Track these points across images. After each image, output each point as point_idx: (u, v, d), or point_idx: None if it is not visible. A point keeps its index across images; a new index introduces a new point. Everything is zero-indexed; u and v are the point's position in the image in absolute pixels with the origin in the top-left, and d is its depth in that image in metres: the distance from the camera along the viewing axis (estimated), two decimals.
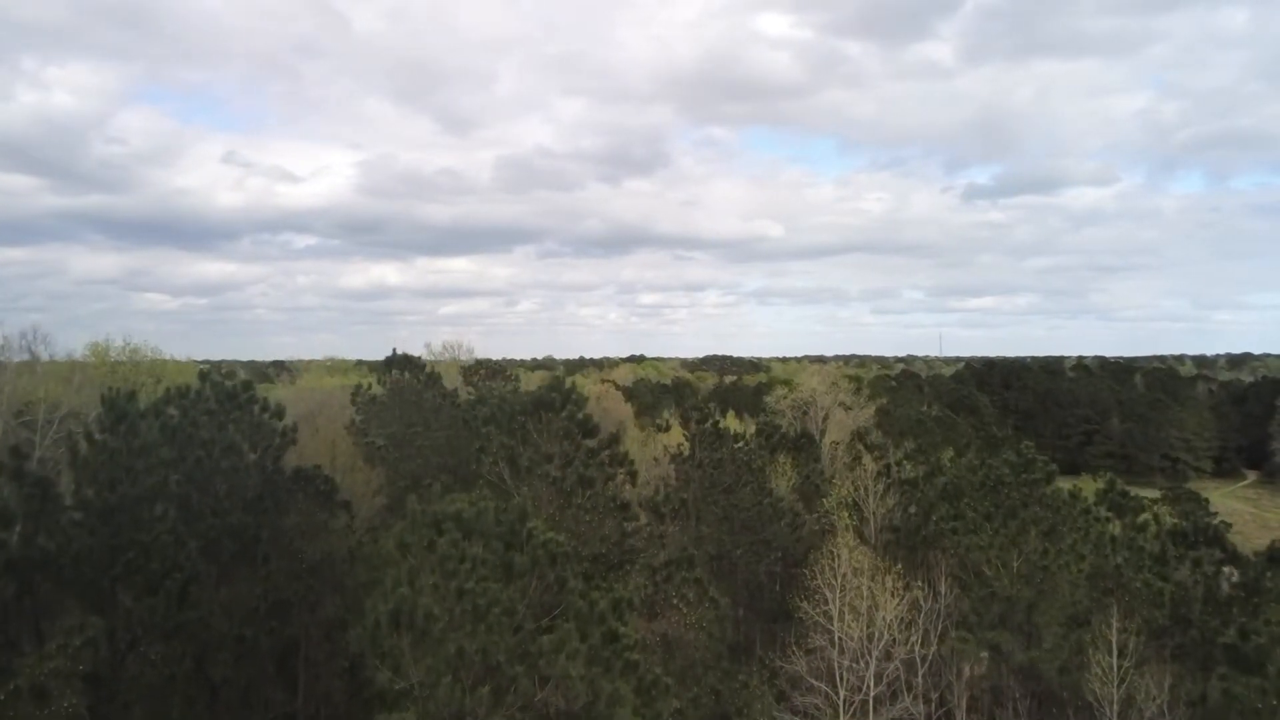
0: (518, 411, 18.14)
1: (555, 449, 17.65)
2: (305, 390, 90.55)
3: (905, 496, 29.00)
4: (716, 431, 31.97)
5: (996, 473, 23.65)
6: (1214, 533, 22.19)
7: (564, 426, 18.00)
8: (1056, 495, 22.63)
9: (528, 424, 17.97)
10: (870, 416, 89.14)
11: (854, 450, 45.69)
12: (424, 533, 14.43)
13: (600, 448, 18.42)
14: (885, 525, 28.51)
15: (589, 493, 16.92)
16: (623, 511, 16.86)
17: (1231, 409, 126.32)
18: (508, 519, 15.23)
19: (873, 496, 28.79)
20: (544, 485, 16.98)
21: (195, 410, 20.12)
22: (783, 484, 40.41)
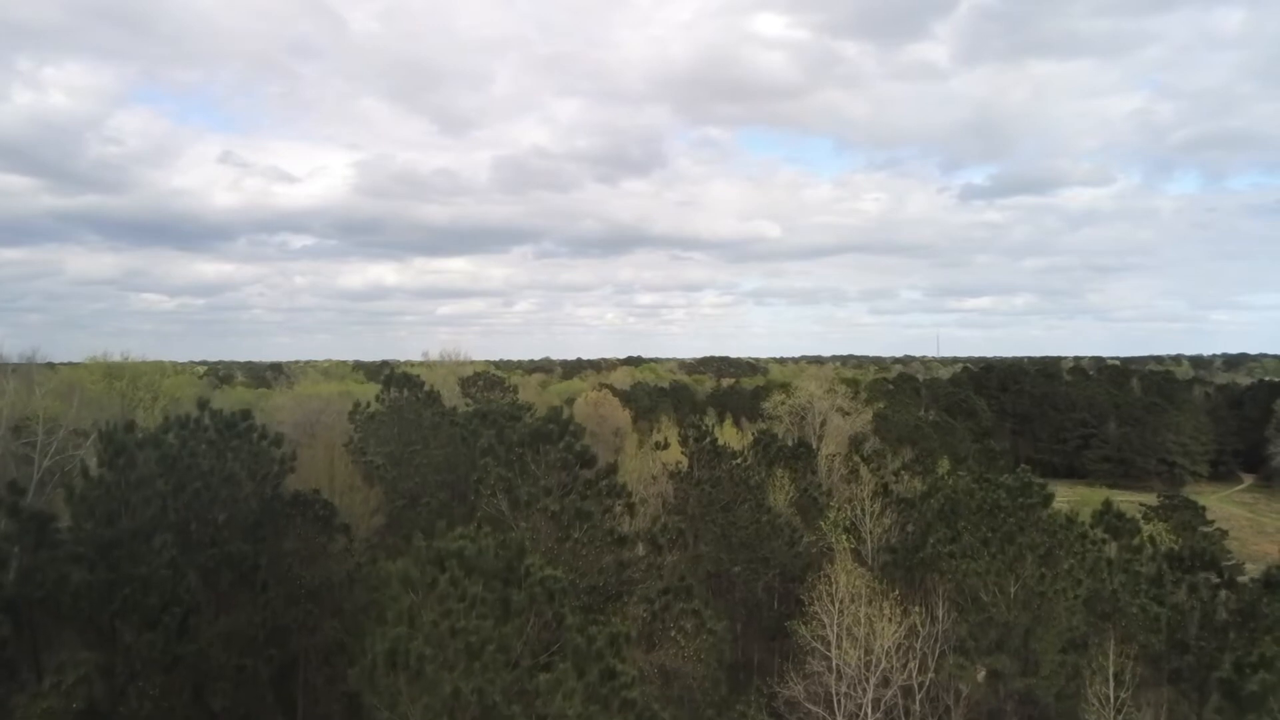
0: (515, 443, 18.18)
1: (553, 481, 17.68)
2: (303, 397, 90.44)
3: (902, 516, 29.09)
4: (714, 449, 32.01)
5: (993, 496, 23.73)
6: (1210, 557, 22.27)
7: (561, 458, 18.05)
8: (1054, 519, 22.70)
9: (525, 455, 18.02)
10: (868, 422, 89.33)
11: (851, 463, 45.78)
12: (428, 570, 14.47)
13: (598, 478, 18.47)
14: (882, 546, 28.59)
15: (586, 526, 16.97)
16: (620, 545, 16.90)
17: (1228, 412, 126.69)
18: (506, 555, 15.27)
19: (869, 516, 28.86)
20: (542, 519, 17.03)
21: (194, 440, 20.13)
22: (780, 498, 40.48)
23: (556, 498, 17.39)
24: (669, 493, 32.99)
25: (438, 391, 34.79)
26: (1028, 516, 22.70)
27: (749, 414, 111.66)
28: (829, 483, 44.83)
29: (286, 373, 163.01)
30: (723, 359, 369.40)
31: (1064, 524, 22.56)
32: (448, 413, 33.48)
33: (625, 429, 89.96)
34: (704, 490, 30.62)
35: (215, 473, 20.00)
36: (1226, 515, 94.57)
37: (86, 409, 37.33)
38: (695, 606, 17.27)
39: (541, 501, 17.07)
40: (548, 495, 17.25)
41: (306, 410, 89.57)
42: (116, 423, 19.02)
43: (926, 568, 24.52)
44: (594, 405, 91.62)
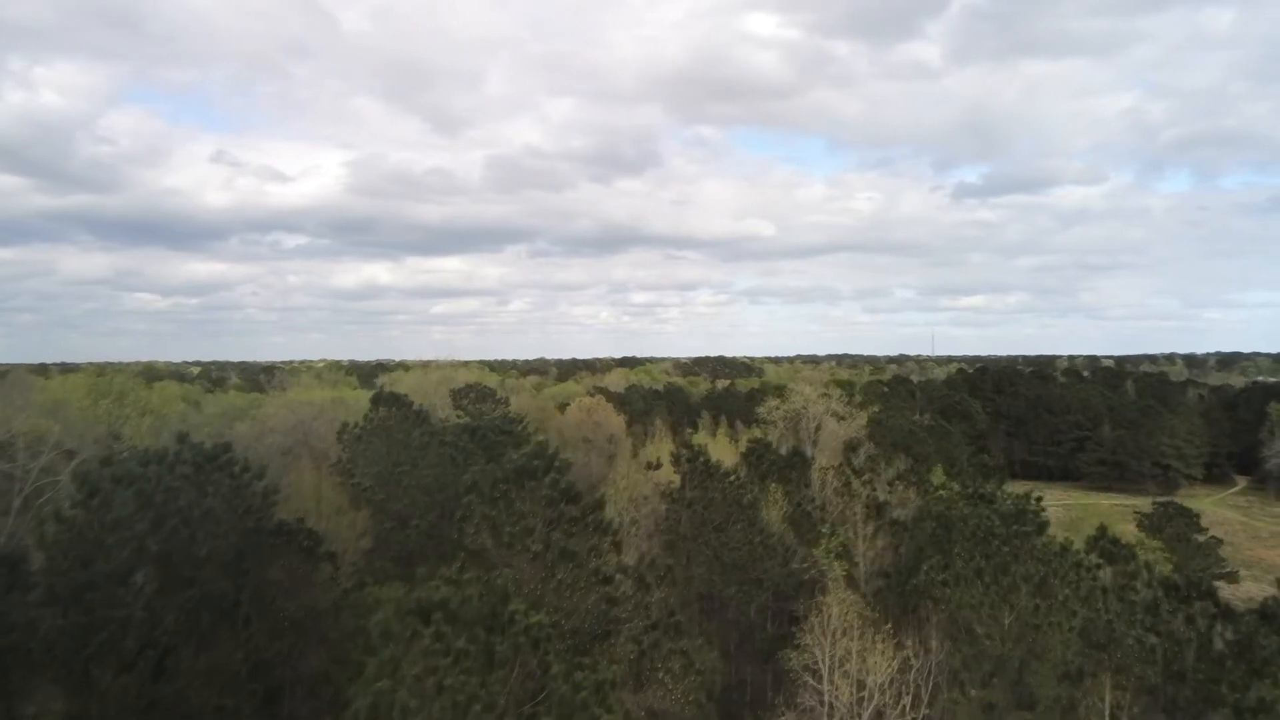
0: (500, 479, 17.81)
1: (537, 519, 17.32)
2: (296, 403, 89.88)
3: (895, 538, 28.78)
4: (706, 468, 31.68)
5: (987, 523, 23.43)
6: (1207, 586, 22.03)
7: (546, 495, 17.69)
8: (1048, 547, 22.42)
9: (510, 492, 17.65)
10: (862, 427, 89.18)
11: (844, 475, 45.43)
12: (409, 621, 14.09)
13: (584, 513, 18.10)
14: (876, 570, 28.28)
15: (571, 566, 16.62)
16: (606, 584, 16.56)
17: (1222, 414, 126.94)
18: (489, 601, 14.90)
19: (863, 539, 28.54)
20: (526, 559, 16.67)
21: (171, 475, 19.70)
22: (774, 513, 40.20)
23: (541, 536, 17.02)
24: (661, 512, 32.65)
25: (426, 410, 34.31)
26: (1022, 545, 22.42)
27: (744, 417, 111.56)
28: (822, 496, 44.52)
29: (280, 377, 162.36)
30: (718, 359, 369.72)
31: (1059, 552, 22.27)
32: (437, 432, 33.04)
33: (619, 435, 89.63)
34: (696, 511, 30.28)
35: (194, 508, 19.57)
36: (1221, 519, 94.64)
37: (73, 427, 36.86)
38: (684, 646, 16.94)
39: (524, 541, 16.71)
40: (530, 535, 16.88)
41: (299, 416, 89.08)
42: (92, 462, 18.56)
43: (920, 595, 24.23)
44: (587, 412, 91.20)
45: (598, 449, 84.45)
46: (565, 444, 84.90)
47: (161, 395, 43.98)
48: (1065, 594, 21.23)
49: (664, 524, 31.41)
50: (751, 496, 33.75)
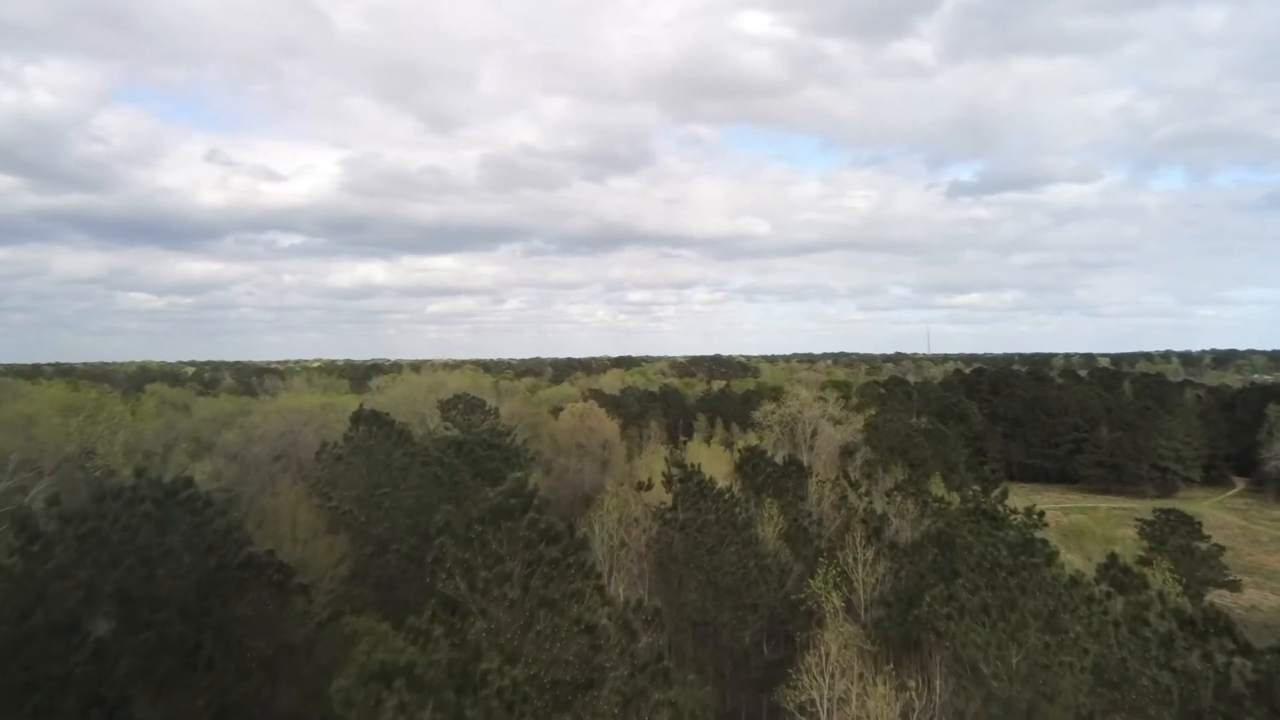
0: (475, 519, 16.60)
1: (515, 563, 16.11)
2: (285, 409, 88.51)
3: (896, 563, 27.65)
4: (699, 488, 30.50)
5: (993, 552, 22.30)
6: (1225, 622, 20.93)
7: (525, 537, 16.49)
8: (1057, 579, 21.30)
9: (486, 533, 16.45)
10: (858, 431, 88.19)
11: (840, 488, 44.40)
12: (372, 689, 12.88)
13: (565, 554, 16.91)
14: (876, 599, 27.15)
15: (551, 614, 15.44)
16: (589, 634, 15.39)
17: (1219, 415, 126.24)
18: (460, 660, 13.68)
19: (862, 565, 27.39)
20: (502, 607, 15.49)
21: (128, 514, 18.43)
22: (770, 529, 39.08)
23: (519, 581, 15.82)
24: (653, 533, 31.46)
25: (409, 427, 33.03)
26: (1030, 577, 21.29)
27: (740, 420, 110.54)
28: (819, 511, 43.40)
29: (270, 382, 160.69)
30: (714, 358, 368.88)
31: (1069, 584, 21.16)
32: (419, 453, 31.77)
33: (613, 441, 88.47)
34: (689, 534, 29.11)
35: (152, 547, 18.31)
36: (1221, 524, 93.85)
37: (43, 445, 35.51)
38: (673, 697, 15.78)
39: (501, 588, 15.52)
40: (507, 580, 15.68)
41: (288, 423, 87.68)
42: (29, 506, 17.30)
43: (922, 627, 23.10)
44: (581, 417, 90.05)
45: (591, 455, 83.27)
46: (559, 450, 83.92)
47: (138, 410, 42.55)
48: (1077, 630, 20.11)
49: (655, 547, 30.23)
50: (746, 515, 32.58)
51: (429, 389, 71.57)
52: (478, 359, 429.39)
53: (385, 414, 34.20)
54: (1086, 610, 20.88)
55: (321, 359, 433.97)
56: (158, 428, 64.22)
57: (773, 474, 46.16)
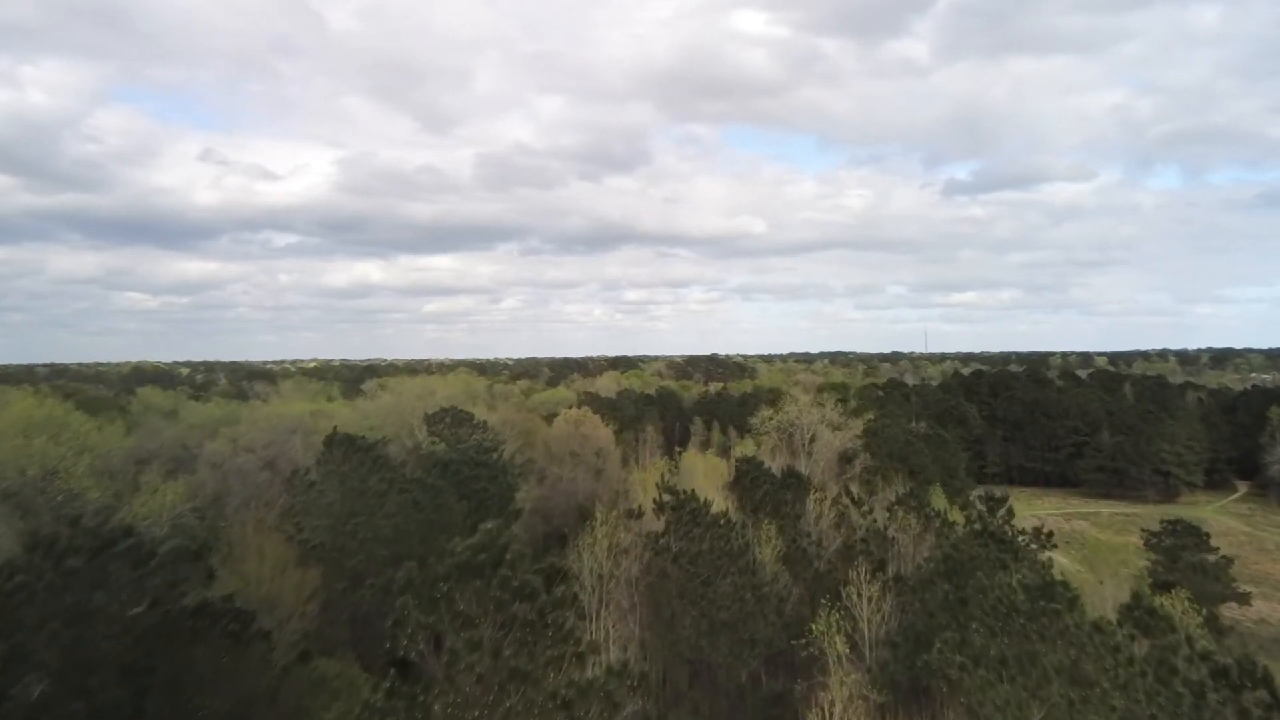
0: (440, 578, 14.91)
1: (485, 627, 14.43)
2: (274, 416, 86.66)
3: (902, 599, 25.99)
4: (693, 515, 28.81)
5: (1009, 597, 20.66)
6: (1263, 673, 19.29)
7: (496, 598, 14.82)
8: (1080, 626, 19.67)
9: (453, 592, 14.77)
10: (857, 437, 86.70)
11: (840, 506, 42.81)
12: None
13: (542, 614, 15.21)
14: (881, 638, 25.51)
15: (525, 687, 13.77)
16: (566, 710, 13.71)
17: (1221, 418, 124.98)
18: None
19: (866, 602, 25.74)
20: (470, 680, 13.81)
21: (55, 571, 16.66)
22: (768, 551, 37.49)
23: (489, 650, 14.12)
24: (645, 561, 29.76)
25: (385, 453, 31.28)
26: (1051, 624, 19.65)
27: (737, 424, 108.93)
28: (818, 530, 41.79)
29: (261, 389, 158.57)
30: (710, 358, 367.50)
31: (1092, 632, 19.54)
32: (396, 478, 29.98)
33: (608, 448, 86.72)
34: (681, 565, 27.42)
35: (87, 604, 16.57)
36: (1225, 530, 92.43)
37: (2, 466, 33.73)
38: None
39: (468, 659, 13.82)
40: (476, 649, 13.99)
41: (278, 430, 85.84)
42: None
43: (932, 674, 21.45)
44: (575, 424, 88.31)
45: (585, 464, 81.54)
46: (552, 458, 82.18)
47: (106, 428, 40.74)
48: (1103, 685, 18.46)
49: (647, 578, 28.54)
50: (743, 542, 30.89)
51: (417, 397, 69.75)
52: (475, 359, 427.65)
53: (360, 436, 32.41)
54: (1112, 661, 19.24)
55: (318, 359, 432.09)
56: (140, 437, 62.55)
57: (770, 490, 44.49)
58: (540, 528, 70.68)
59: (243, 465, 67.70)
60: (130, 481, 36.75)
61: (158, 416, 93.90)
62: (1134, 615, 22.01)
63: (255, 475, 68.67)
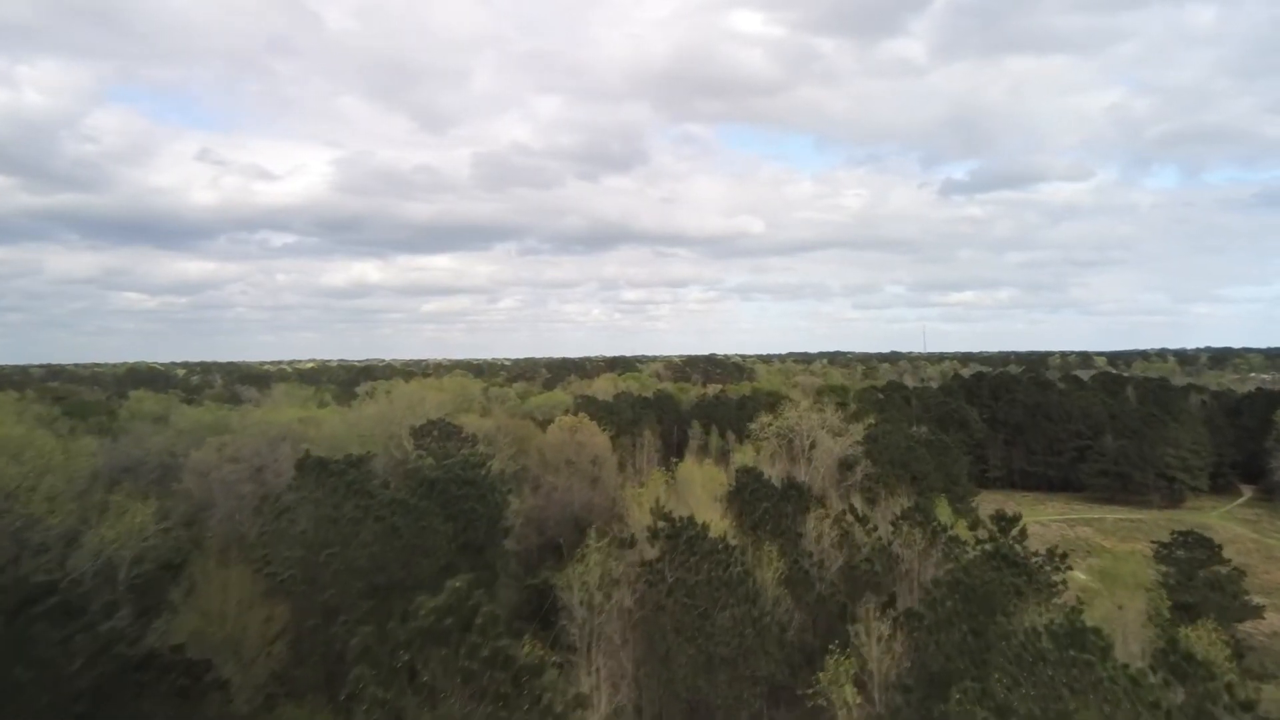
0: (401, 644, 13.11)
1: (452, 703, 12.63)
2: (264, 423, 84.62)
3: (916, 638, 24.15)
4: (690, 544, 26.99)
5: (1035, 644, 18.89)
6: None
7: (464, 668, 13.03)
8: (1114, 680, 17.91)
9: (416, 662, 12.99)
10: (857, 442, 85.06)
11: (842, 524, 40.95)
12: None
13: (518, 682, 13.40)
14: (893, 682, 23.68)
15: None
16: None
17: (1225, 421, 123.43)
18: None
19: (876, 641, 23.92)
20: None
21: None
22: (768, 573, 35.71)
23: None
24: (640, 592, 27.93)
25: (363, 475, 29.37)
26: (1082, 676, 17.89)
27: (735, 429, 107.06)
28: (820, 549, 39.98)
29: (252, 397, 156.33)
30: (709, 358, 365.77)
31: (1129, 686, 17.77)
32: (373, 506, 28.00)
33: (604, 456, 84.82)
34: (677, 599, 25.61)
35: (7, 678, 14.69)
36: (1232, 536, 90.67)
37: None
38: None
39: None
40: None
41: (266, 438, 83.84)
42: None
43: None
44: (570, 431, 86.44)
45: (581, 472, 79.72)
46: (546, 467, 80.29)
47: (73, 447, 38.81)
48: None
49: (641, 612, 26.72)
50: (742, 569, 29.08)
51: (407, 406, 67.82)
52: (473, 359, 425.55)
53: (333, 460, 30.51)
54: (1150, 717, 17.46)
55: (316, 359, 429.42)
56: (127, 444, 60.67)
57: (770, 506, 42.69)
58: (534, 539, 68.80)
59: (227, 476, 65.86)
60: (99, 501, 34.84)
61: (147, 422, 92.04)
62: (1170, 661, 20.23)
63: (240, 487, 66.80)
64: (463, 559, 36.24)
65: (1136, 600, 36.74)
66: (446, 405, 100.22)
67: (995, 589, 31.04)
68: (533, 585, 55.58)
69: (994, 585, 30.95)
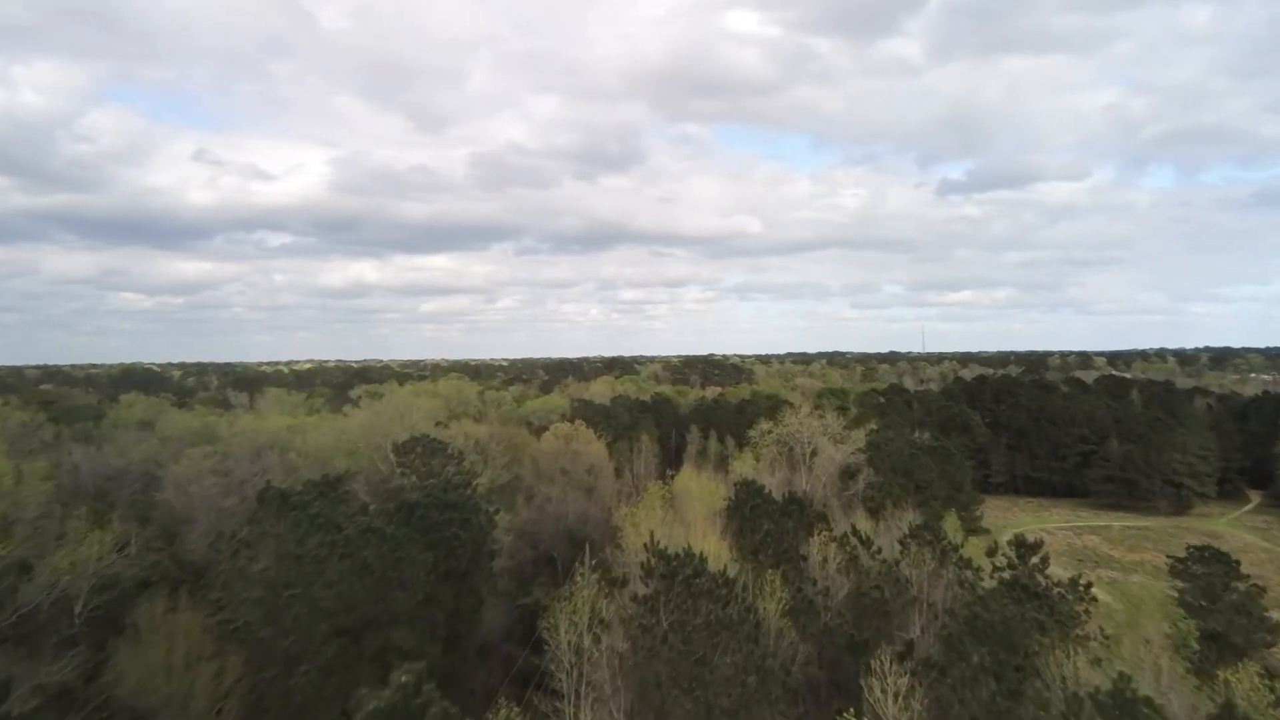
0: None
1: None
2: (250, 433, 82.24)
3: (937, 696, 21.82)
4: (687, 586, 24.69)
5: (1076, 711, 16.64)
6: None
7: None
8: None
9: None
10: (859, 450, 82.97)
11: (848, 548, 38.69)
12: None
13: None
14: None
15: None
16: None
17: (1232, 426, 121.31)
18: None
19: (892, 700, 21.61)
20: None
21: None
22: (771, 604, 33.47)
23: None
24: (631, 633, 25.61)
25: (327, 508, 26.92)
26: None
27: (734, 433, 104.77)
28: (825, 574, 37.72)
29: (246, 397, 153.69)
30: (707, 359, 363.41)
31: None
32: (339, 542, 25.50)
33: (599, 465, 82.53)
34: (672, 645, 23.31)
35: None
36: (1242, 546, 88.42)
37: None
38: None
39: None
40: None
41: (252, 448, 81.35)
42: None
43: None
44: (565, 440, 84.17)
45: (576, 481, 77.44)
46: (540, 476, 77.91)
47: (29, 469, 36.40)
48: None
49: (633, 658, 24.42)
50: (744, 605, 26.78)
51: (392, 418, 65.43)
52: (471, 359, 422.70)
53: (295, 492, 28.04)
54: None
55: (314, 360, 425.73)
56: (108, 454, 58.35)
57: (771, 530, 40.42)
58: (527, 552, 66.41)
59: (209, 490, 63.46)
60: (54, 536, 32.49)
61: (132, 429, 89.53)
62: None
63: (222, 500, 64.40)
64: (445, 588, 33.91)
65: (1160, 626, 34.50)
66: (438, 412, 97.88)
67: (1017, 625, 28.80)
68: (524, 605, 53.32)
69: (1015, 621, 28.70)
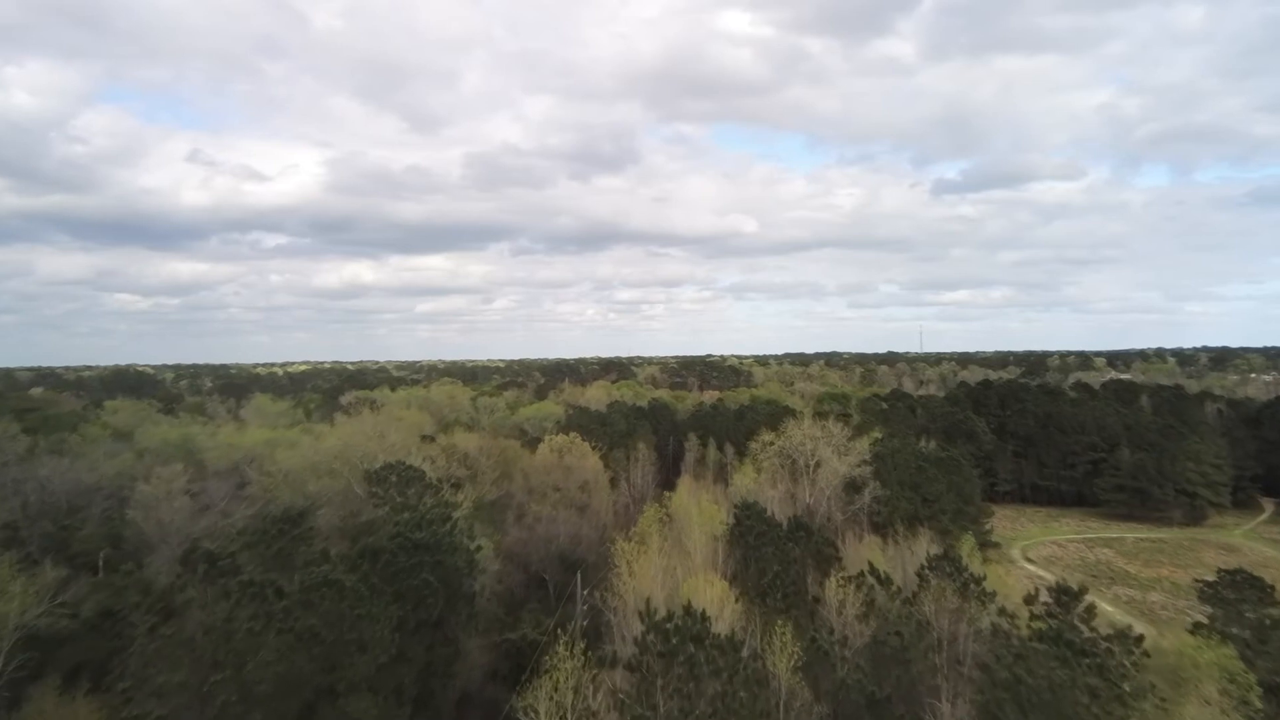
0: None
1: None
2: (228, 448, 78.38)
3: None
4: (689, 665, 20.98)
5: None
6: None
7: None
8: None
9: None
10: (864, 461, 79.30)
11: (865, 588, 35.00)
12: None
13: None
14: None
15: None
16: None
17: (1244, 432, 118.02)
18: None
19: None
20: None
21: None
22: (781, 661, 29.82)
23: None
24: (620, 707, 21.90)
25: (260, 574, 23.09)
26: None
27: (734, 441, 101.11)
28: (841, 622, 34.06)
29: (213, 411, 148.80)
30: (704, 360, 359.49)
31: None
32: (276, 613, 21.64)
33: (594, 482, 78.81)
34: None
35: None
36: (1261, 560, 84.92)
37: None
38: None
39: None
40: None
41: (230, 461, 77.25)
42: None
43: None
44: (559, 453, 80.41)
45: (568, 500, 73.72)
46: (532, 493, 73.97)
47: None
48: None
49: None
50: (753, 676, 23.12)
51: (371, 436, 61.54)
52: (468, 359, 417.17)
53: (227, 556, 24.28)
54: None
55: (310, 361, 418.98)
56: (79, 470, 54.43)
57: (779, 570, 36.72)
58: (517, 576, 62.54)
59: (177, 513, 59.64)
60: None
61: (107, 442, 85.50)
62: None
63: (192, 525, 60.52)
64: (414, 641, 30.19)
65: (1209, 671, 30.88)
66: (425, 425, 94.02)
67: (1066, 692, 25.18)
68: (510, 640, 49.55)
69: (1065, 688, 25.06)
